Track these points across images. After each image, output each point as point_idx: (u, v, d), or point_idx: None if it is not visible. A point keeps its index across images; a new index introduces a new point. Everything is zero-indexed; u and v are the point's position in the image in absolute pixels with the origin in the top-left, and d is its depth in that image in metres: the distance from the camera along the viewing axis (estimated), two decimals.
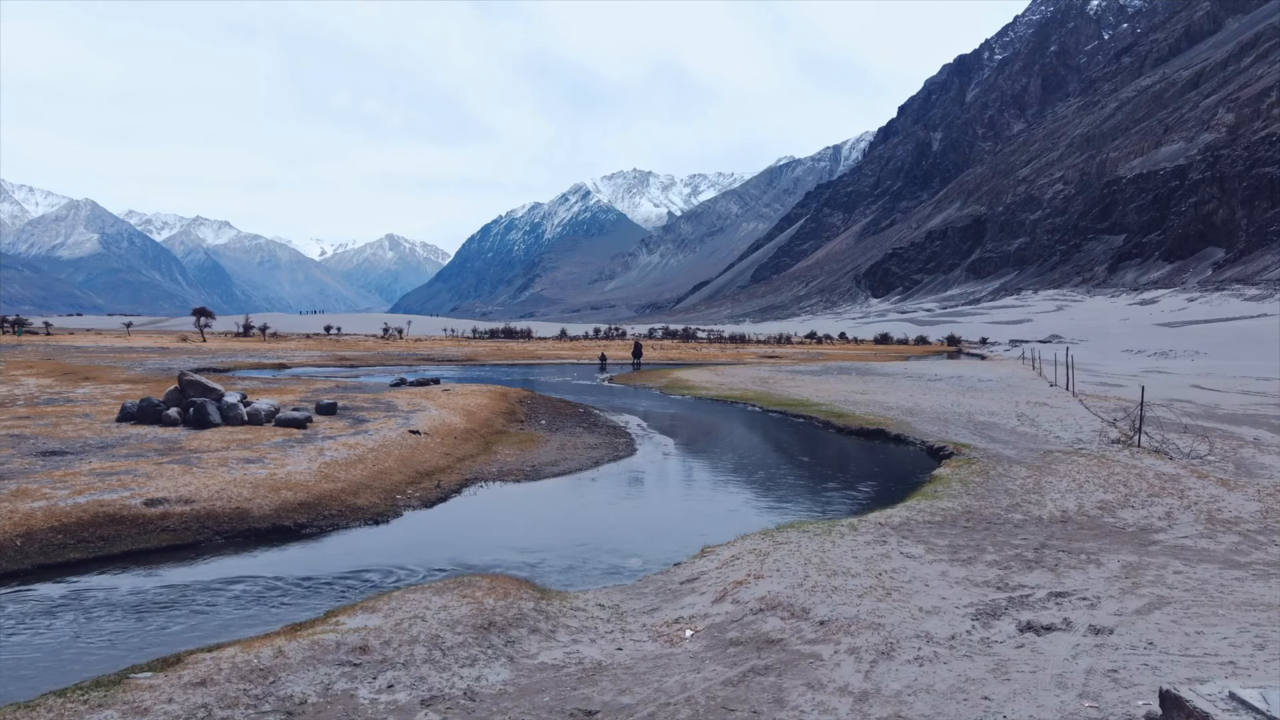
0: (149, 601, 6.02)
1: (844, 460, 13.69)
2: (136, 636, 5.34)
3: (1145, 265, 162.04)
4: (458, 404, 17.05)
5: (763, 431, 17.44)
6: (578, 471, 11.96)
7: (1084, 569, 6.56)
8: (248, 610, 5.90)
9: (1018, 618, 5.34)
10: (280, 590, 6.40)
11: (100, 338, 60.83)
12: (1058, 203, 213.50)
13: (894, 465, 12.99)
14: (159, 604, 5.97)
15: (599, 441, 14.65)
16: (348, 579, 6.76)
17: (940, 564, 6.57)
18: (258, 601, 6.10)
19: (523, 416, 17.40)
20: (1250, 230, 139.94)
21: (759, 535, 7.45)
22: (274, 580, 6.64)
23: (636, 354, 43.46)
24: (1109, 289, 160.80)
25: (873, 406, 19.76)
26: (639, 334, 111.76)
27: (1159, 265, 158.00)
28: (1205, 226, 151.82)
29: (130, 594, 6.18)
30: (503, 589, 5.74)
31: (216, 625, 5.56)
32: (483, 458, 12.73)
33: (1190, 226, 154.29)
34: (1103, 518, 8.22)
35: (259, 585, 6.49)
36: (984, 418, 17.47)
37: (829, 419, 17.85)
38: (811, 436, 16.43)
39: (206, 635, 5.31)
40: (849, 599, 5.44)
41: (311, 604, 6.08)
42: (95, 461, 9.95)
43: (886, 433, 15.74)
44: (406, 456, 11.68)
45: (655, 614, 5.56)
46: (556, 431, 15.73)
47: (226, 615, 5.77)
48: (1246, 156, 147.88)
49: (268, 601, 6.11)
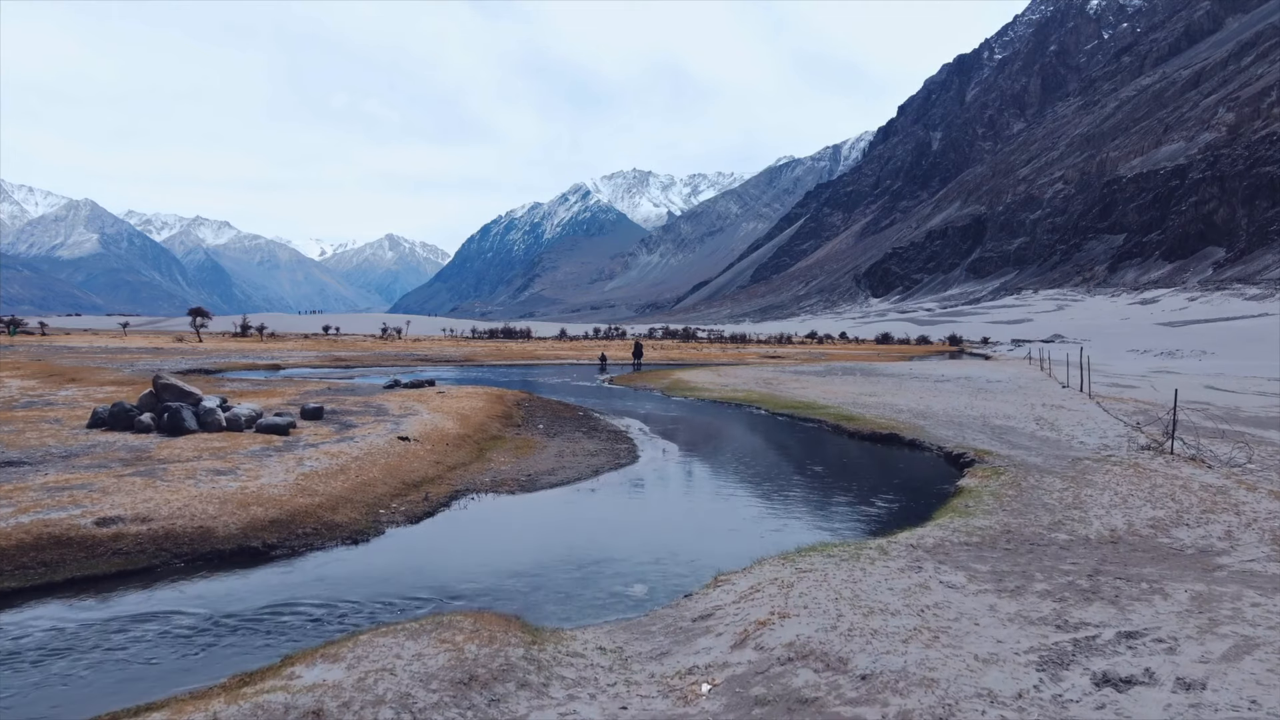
0: (79, 644, 5.23)
1: (859, 468, 12.91)
2: (47, 694, 4.55)
3: (1145, 265, 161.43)
4: (452, 407, 16.26)
5: (771, 436, 16.68)
6: (577, 481, 11.18)
7: (1149, 601, 5.79)
8: (193, 654, 5.11)
9: (1090, 667, 4.57)
10: (235, 627, 5.61)
11: (96, 338, 60.00)
12: (1058, 202, 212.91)
13: (913, 474, 12.21)
14: (89, 647, 5.17)
15: (599, 447, 13.87)
16: (315, 611, 5.97)
17: (986, 595, 5.80)
18: (207, 643, 5.31)
19: (520, 420, 16.62)
20: (1251, 230, 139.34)
21: (778, 560, 6.67)
22: (230, 614, 5.85)
23: (637, 354, 42.79)
24: (1109, 288, 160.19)
25: (883, 409, 18.98)
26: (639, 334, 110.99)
27: (1159, 265, 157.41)
28: (1206, 226, 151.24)
29: (58, 634, 5.38)
30: (488, 632, 4.95)
31: (154, 675, 4.77)
32: (476, 466, 11.94)
33: (1190, 226, 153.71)
34: (1156, 537, 7.44)
35: (212, 621, 5.70)
36: (1000, 421, 16.69)
37: (839, 422, 17.07)
38: (822, 441, 15.66)
39: (138, 690, 4.52)
40: (892, 645, 4.66)
41: (269, 644, 5.30)
42: (51, 474, 9.16)
43: (900, 437, 14.96)
44: (393, 466, 10.88)
45: (665, 661, 4.78)
46: (555, 436, 14.96)
47: (166, 662, 4.98)
48: (1247, 156, 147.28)
49: (218, 643, 5.32)
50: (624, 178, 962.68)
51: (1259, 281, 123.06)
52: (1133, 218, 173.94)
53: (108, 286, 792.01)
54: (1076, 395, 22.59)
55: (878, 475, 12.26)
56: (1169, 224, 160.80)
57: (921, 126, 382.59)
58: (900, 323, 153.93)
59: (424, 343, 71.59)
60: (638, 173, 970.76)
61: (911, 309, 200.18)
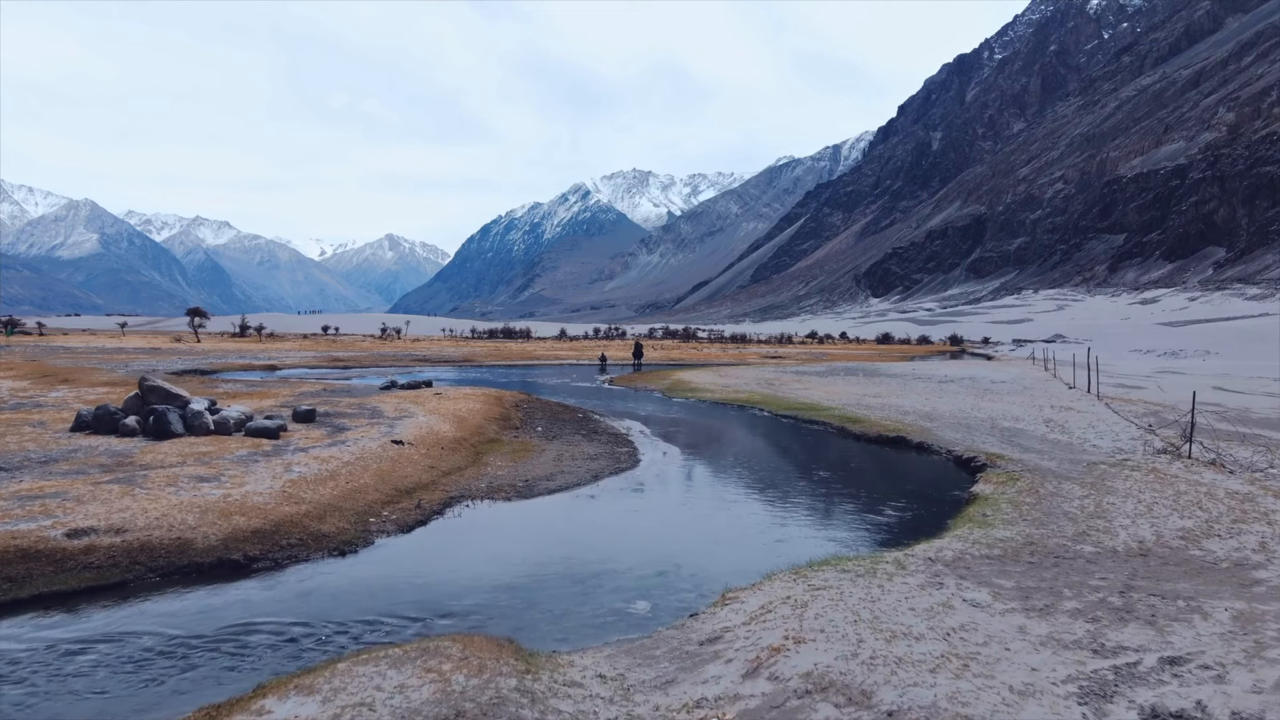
0: (33, 670, 4.83)
1: (866, 473, 12.50)
2: None
3: (1146, 265, 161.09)
4: (448, 409, 15.84)
5: (774, 439, 16.27)
6: (575, 487, 10.78)
7: (1188, 621, 5.40)
8: (158, 682, 4.72)
9: (1135, 699, 4.18)
10: (207, 650, 5.21)
11: (94, 338, 59.58)
12: (1058, 202, 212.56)
13: (923, 478, 11.82)
14: (44, 674, 4.78)
15: (599, 451, 13.46)
16: (294, 631, 5.58)
17: (1014, 615, 5.41)
18: (173, 669, 4.92)
19: (518, 422, 16.21)
20: (1251, 229, 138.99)
21: (790, 575, 6.28)
22: (202, 636, 5.45)
23: (637, 354, 42.30)
24: (1109, 288, 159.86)
25: (888, 410, 18.59)
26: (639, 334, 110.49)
27: (1160, 265, 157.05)
28: (1206, 226, 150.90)
29: (11, 659, 4.99)
30: (477, 659, 4.56)
31: (113, 708, 4.38)
32: (471, 470, 11.53)
33: (1191, 226, 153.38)
34: (1188, 550, 7.05)
35: (182, 643, 5.31)
36: (1009, 423, 16.29)
37: (844, 424, 16.67)
38: (827, 445, 15.25)
39: None
40: (919, 675, 4.27)
41: (241, 670, 4.91)
42: (26, 481, 8.76)
43: (908, 440, 14.56)
44: (385, 471, 10.48)
45: (671, 690, 4.39)
46: (553, 439, 14.54)
47: (126, 691, 4.58)
48: (1247, 155, 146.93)
49: (186, 669, 4.92)
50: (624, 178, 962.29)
51: (1259, 281, 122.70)
52: (1133, 218, 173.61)
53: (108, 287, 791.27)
54: (1084, 396, 22.21)
55: (887, 480, 11.87)
56: (1169, 224, 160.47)
57: (921, 126, 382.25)
58: (900, 323, 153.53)
59: (423, 343, 71.19)
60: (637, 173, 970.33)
61: (912, 309, 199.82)
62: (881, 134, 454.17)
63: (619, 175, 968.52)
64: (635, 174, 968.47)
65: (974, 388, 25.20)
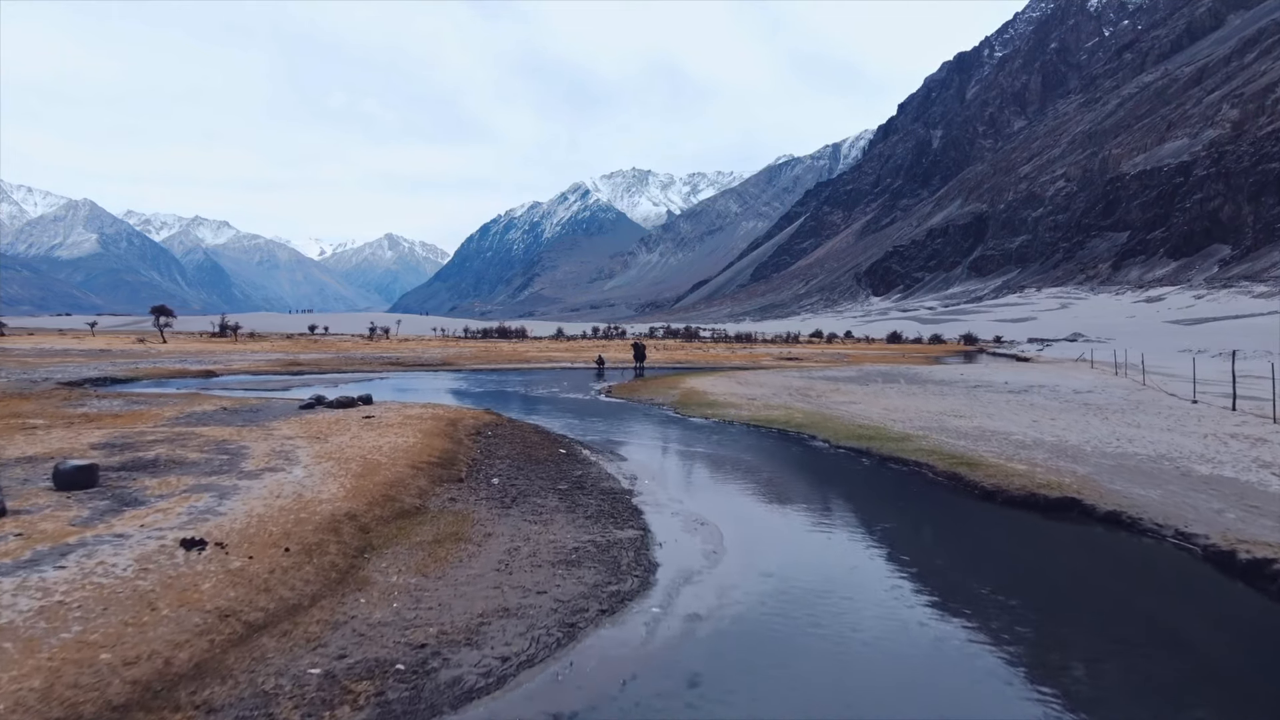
0: None
1: (1073, 592, 6.79)
2: None
3: (1150, 262, 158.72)
4: (358, 449, 10.71)
5: (862, 502, 10.43)
6: (522, 670, 4.72)
7: None
8: None
9: None
10: None
11: (60, 339, 57.23)
12: (1060, 200, 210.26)
13: (1185, 608, 6.44)
14: None
15: (581, 542, 7.57)
16: None
17: None
18: None
19: (464, 469, 10.78)
20: (1257, 227, 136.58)
21: None
22: None
23: (639, 357, 37.51)
24: (1113, 286, 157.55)
25: (992, 441, 13.09)
26: (640, 334, 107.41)
27: (1164, 262, 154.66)
28: (1211, 223, 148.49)
29: None
30: None
31: None
32: (316, 614, 5.37)
33: (1195, 223, 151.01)
34: None
35: None
36: (1205, 468, 10.45)
37: (953, 469, 10.94)
38: (949, 511, 9.55)
39: None
40: None
41: None
42: None
43: (1083, 504, 8.94)
44: (109, 637, 4.39)
45: None
46: (511, 506, 8.84)
47: None
48: (1252, 152, 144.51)
49: None
50: (623, 177, 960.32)
51: (1266, 279, 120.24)
52: (1136, 215, 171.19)
53: (107, 286, 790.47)
54: (1232, 415, 16.16)
55: (1125, 616, 6.17)
56: (1173, 221, 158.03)
57: (922, 125, 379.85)
58: (902, 321, 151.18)
59: (410, 343, 68.92)
60: (637, 172, 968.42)
61: (913, 308, 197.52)
62: (881, 132, 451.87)
63: (618, 174, 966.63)
64: (634, 173, 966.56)
65: (1069, 402, 19.90)
